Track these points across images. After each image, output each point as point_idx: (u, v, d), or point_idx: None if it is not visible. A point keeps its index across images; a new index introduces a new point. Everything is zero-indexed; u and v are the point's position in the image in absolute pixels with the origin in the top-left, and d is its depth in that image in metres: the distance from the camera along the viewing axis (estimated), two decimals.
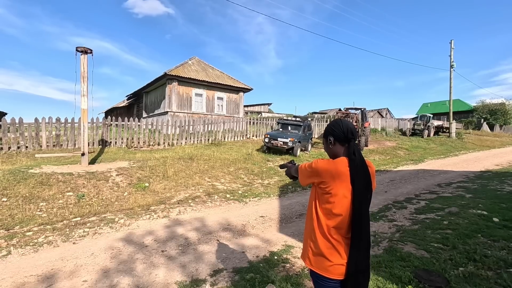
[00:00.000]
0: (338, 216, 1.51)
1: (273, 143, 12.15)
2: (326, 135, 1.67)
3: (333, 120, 1.68)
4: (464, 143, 22.42)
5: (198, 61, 19.79)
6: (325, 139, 1.68)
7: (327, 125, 1.70)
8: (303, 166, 1.68)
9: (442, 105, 48.78)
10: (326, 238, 1.53)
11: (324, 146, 1.71)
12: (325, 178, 1.50)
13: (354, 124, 12.12)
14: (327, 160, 1.53)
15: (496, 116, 42.37)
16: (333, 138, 1.61)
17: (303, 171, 1.66)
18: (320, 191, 1.55)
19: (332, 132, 1.63)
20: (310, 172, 1.57)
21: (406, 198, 6.03)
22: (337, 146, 1.60)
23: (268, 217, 5.24)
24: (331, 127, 1.64)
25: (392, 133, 24.01)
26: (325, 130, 1.68)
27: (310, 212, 1.64)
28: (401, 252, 3.32)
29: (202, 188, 7.33)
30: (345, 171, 1.49)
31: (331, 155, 1.64)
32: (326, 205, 1.53)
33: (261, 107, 39.29)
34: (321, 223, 1.54)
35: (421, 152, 16.62)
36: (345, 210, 1.50)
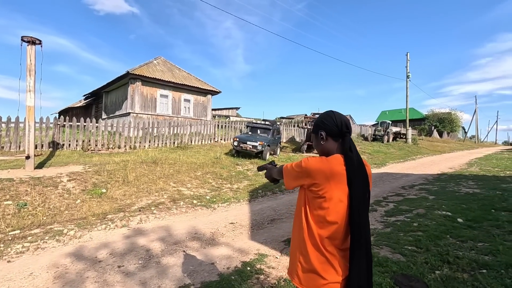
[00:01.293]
0: (333, 224, 1.28)
1: (242, 146, 11.90)
2: (316, 129, 1.44)
3: (324, 113, 1.46)
4: (419, 148, 24.07)
5: (164, 61, 18.99)
6: (314, 135, 1.46)
7: (317, 119, 1.47)
8: (289, 166, 1.44)
9: (398, 113, 52.22)
10: (319, 250, 1.29)
11: (314, 142, 1.48)
12: (317, 179, 1.26)
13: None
14: (320, 158, 1.31)
15: (444, 124, 46.35)
16: (324, 133, 1.39)
17: (289, 172, 1.41)
18: (311, 195, 1.31)
19: (323, 126, 1.40)
20: (299, 172, 1.33)
21: (375, 201, 6.11)
22: (329, 142, 1.38)
23: (238, 224, 4.95)
24: (322, 120, 1.41)
25: (355, 138, 25.01)
26: (315, 124, 1.46)
27: (298, 220, 1.39)
28: (378, 257, 3.22)
29: (167, 193, 6.82)
30: (341, 171, 1.27)
31: (322, 152, 1.41)
32: (318, 212, 1.29)
33: (229, 111, 38.94)
34: (313, 233, 1.30)
35: (382, 157, 17.44)
36: (341, 216, 1.28)
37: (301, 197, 1.40)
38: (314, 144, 1.48)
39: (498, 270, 2.81)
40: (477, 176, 9.41)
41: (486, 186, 7.42)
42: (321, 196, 1.27)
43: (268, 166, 1.88)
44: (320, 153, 1.43)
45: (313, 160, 1.30)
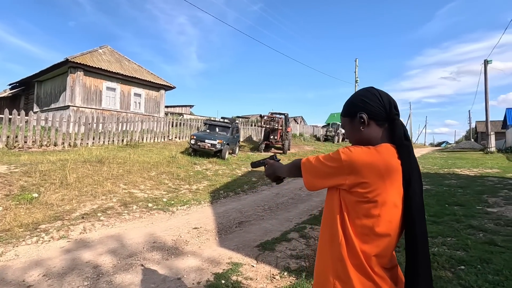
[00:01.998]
0: (384, 237, 0.96)
1: (200, 145, 11.27)
2: (352, 111, 1.09)
3: (362, 90, 1.12)
4: None
5: (111, 51, 17.25)
6: (349, 119, 1.11)
7: (351, 98, 1.13)
8: (312, 160, 1.08)
9: None
10: (365, 273, 0.95)
11: (347, 129, 1.14)
12: (367, 177, 0.93)
13: (279, 129, 12.04)
14: (367, 149, 0.97)
15: None
16: (366, 116, 1.05)
17: (315, 168, 1.05)
18: (353, 199, 0.97)
19: (363, 106, 1.06)
20: (334, 168, 0.98)
21: None
22: (372, 128, 1.05)
23: (203, 229, 4.46)
24: (362, 99, 1.07)
25: (308, 139, 25.90)
26: (350, 104, 1.12)
27: (329, 232, 1.04)
28: None
29: (116, 197, 5.97)
30: (397, 166, 0.96)
31: (359, 141, 1.07)
32: (363, 221, 0.96)
33: (182, 108, 37.37)
34: (355, 250, 0.96)
35: None
36: (395, 227, 0.96)
37: (332, 201, 1.05)
38: (348, 131, 1.14)
39: (475, 265, 2.84)
40: (423, 173, 10.23)
41: (434, 183, 8.04)
42: (370, 200, 0.94)
43: (269, 162, 1.50)
44: (354, 143, 1.10)
45: (358, 151, 0.96)
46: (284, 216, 5.02)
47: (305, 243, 3.68)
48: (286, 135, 16.86)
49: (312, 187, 1.10)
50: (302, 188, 7.69)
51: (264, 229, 4.34)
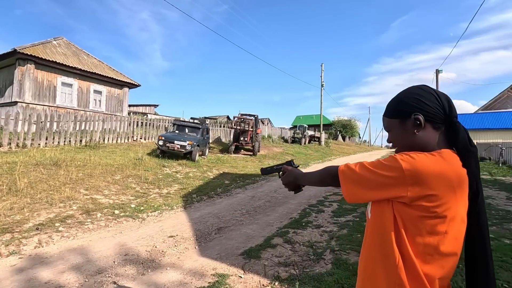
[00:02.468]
0: (450, 256, 0.83)
1: (169, 146, 10.73)
2: (403, 112, 0.95)
3: (414, 88, 0.97)
4: (331, 150, 26.78)
5: (67, 43, 15.83)
6: (399, 121, 0.96)
7: (401, 96, 0.98)
8: (357, 167, 0.92)
9: (310, 118, 57.41)
10: None
11: (396, 133, 0.99)
12: (436, 189, 0.79)
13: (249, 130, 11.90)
14: (432, 156, 0.84)
15: (346, 130, 53.37)
16: (423, 117, 0.91)
17: (362, 177, 0.90)
18: (415, 214, 0.83)
19: (419, 106, 0.91)
20: (394, 178, 0.83)
21: (318, 201, 6.14)
22: (428, 131, 0.92)
23: (180, 237, 4.14)
24: (417, 98, 0.93)
25: (277, 140, 26.14)
26: (401, 104, 0.96)
27: (381, 253, 0.89)
28: (349, 263, 3.02)
29: (77, 203, 5.38)
30: (465, 176, 0.84)
31: (413, 147, 0.93)
32: (427, 239, 0.82)
33: (146, 108, 35.72)
34: (416, 272, 0.82)
35: (303, 157, 18.57)
36: (461, 244, 0.85)
37: (383, 216, 0.90)
38: (395, 135, 0.99)
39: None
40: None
41: None
42: (438, 215, 0.81)
43: (287, 168, 1.32)
44: (404, 149, 0.95)
45: (423, 159, 0.82)
46: (264, 220, 4.87)
47: (291, 249, 3.56)
48: (256, 136, 16.79)
49: (356, 199, 0.95)
50: (277, 190, 7.63)
51: (245, 235, 4.15)
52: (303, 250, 3.49)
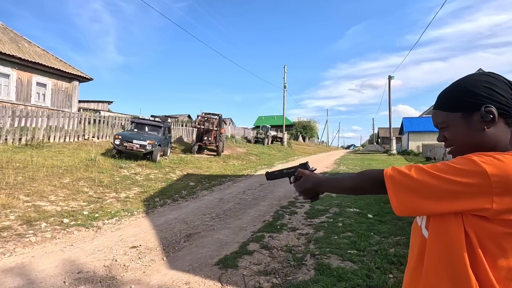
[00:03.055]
0: None
1: (127, 146, 9.90)
2: (469, 103, 0.76)
3: (478, 75, 0.79)
4: (293, 150, 27.36)
5: (4, 28, 13.89)
6: (463, 114, 0.78)
7: (465, 84, 0.79)
8: (413, 171, 0.73)
9: (272, 119, 58.30)
10: None
11: (457, 129, 0.80)
12: None
13: (213, 130, 11.55)
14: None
15: (306, 131, 55.25)
16: (496, 110, 0.74)
17: (425, 184, 0.71)
18: (500, 231, 0.66)
19: (491, 96, 0.74)
20: (474, 186, 0.65)
21: (289, 202, 6.03)
22: (499, 127, 0.75)
23: (144, 247, 3.70)
24: (487, 86, 0.75)
25: (240, 140, 25.94)
26: (465, 93, 0.77)
27: (450, 278, 0.71)
28: (332, 268, 2.90)
29: (16, 212, 4.60)
30: None
31: (481, 146, 0.76)
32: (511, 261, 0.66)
33: (99, 104, 33.05)
34: None
35: (268, 158, 18.63)
36: None
37: (449, 232, 0.72)
38: (456, 132, 0.80)
39: None
40: (350, 174, 11.20)
41: None
42: None
43: (304, 172, 1.09)
44: (468, 149, 0.77)
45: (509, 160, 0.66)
46: (236, 224, 4.60)
47: (269, 255, 3.35)
48: (220, 136, 16.40)
49: (412, 212, 0.75)
50: (245, 191, 7.40)
51: (218, 242, 3.84)
52: (282, 256, 3.30)
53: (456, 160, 0.72)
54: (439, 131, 0.87)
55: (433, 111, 0.87)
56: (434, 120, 0.87)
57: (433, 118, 0.88)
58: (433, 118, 0.88)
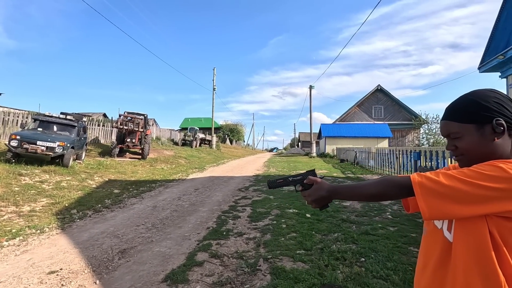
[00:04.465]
0: None
1: (29, 148, 8.24)
2: (482, 116, 0.84)
3: (487, 90, 0.88)
4: (222, 153, 27.28)
5: None
6: (476, 126, 0.85)
7: (477, 98, 0.86)
8: (443, 178, 0.78)
9: (199, 121, 57.12)
10: None
11: (470, 139, 0.86)
12: None
13: (138, 131, 10.87)
14: None
15: (233, 134, 56.02)
16: (505, 123, 0.83)
17: (456, 190, 0.76)
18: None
19: (501, 111, 0.83)
20: (503, 191, 0.72)
21: (230, 207, 5.91)
22: (505, 139, 0.84)
23: (67, 270, 3.07)
24: (497, 102, 0.84)
25: (166, 143, 24.54)
26: (478, 107, 0.85)
27: (480, 278, 0.76)
28: (287, 270, 2.93)
29: None
30: None
31: (489, 156, 0.84)
32: None
33: None
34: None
35: (198, 161, 18.08)
36: None
37: (475, 233, 0.78)
38: (469, 142, 0.87)
39: (370, 256, 3.31)
40: (281, 176, 11.70)
41: None
42: None
43: (316, 180, 1.05)
44: (478, 159, 0.85)
45: None
46: (178, 234, 4.26)
47: (220, 264, 3.18)
48: (145, 138, 15.16)
49: (442, 216, 0.80)
50: (181, 197, 6.97)
51: (161, 255, 3.48)
52: (234, 264, 3.18)
53: (483, 166, 0.78)
54: (448, 141, 0.93)
55: (444, 122, 0.93)
56: (445, 131, 0.93)
57: (444, 128, 0.93)
58: (444, 128, 0.93)
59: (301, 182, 1.10)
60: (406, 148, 10.67)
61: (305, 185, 1.08)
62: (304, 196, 1.06)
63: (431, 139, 30.65)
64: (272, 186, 1.17)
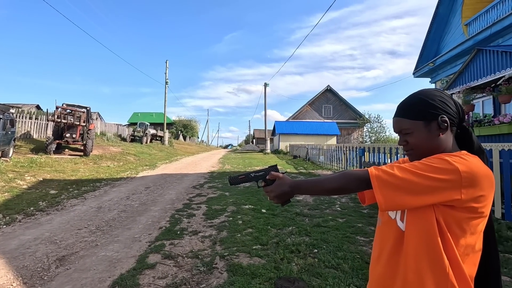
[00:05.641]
0: (479, 252, 0.87)
1: None
2: (430, 114, 0.91)
3: (432, 90, 0.96)
4: (175, 150, 26.30)
5: None
6: (424, 123, 0.92)
7: (425, 97, 0.93)
8: (397, 171, 0.83)
9: (150, 116, 54.32)
10: None
11: (418, 135, 0.93)
12: (485, 189, 0.80)
13: (80, 125, 10.24)
14: (474, 157, 0.85)
15: (187, 130, 54.42)
16: (448, 120, 0.91)
17: (408, 182, 0.81)
18: (465, 216, 0.81)
19: (445, 108, 0.91)
20: (449, 181, 0.78)
21: (185, 205, 5.69)
22: (448, 134, 0.93)
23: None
24: (441, 100, 0.92)
25: (113, 139, 22.82)
26: (427, 105, 0.92)
27: (428, 261, 0.83)
28: (244, 266, 2.92)
29: None
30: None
31: (435, 150, 0.91)
32: (469, 239, 0.83)
33: None
34: (463, 276, 0.82)
35: (148, 158, 17.16)
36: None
37: (425, 221, 0.84)
38: (418, 137, 0.93)
39: (322, 247, 3.47)
40: (236, 172, 11.68)
41: None
42: (483, 214, 0.83)
43: (278, 175, 1.04)
44: (425, 153, 0.92)
45: (473, 161, 0.83)
46: (127, 236, 3.97)
47: (174, 265, 3.04)
48: (88, 133, 13.88)
49: (396, 207, 0.85)
50: (130, 197, 6.53)
51: (107, 260, 3.20)
52: (189, 263, 3.07)
53: (431, 159, 0.85)
54: (400, 137, 0.99)
55: (396, 119, 0.98)
56: (397, 127, 0.98)
57: (396, 125, 0.98)
58: (396, 125, 0.98)
59: (263, 178, 1.07)
60: (352, 145, 11.47)
61: (268, 180, 1.06)
62: (267, 191, 1.04)
63: (373, 136, 33.58)
64: (233, 182, 1.12)
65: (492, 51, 6.54)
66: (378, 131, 33.75)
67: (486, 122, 6.49)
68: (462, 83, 7.67)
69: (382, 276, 0.93)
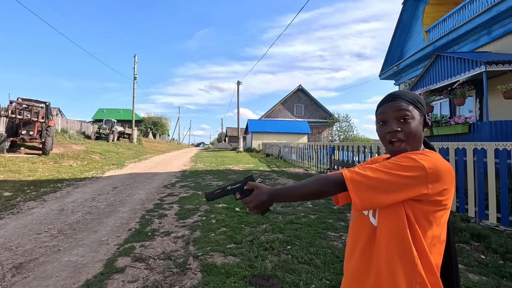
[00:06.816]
0: (443, 242, 0.94)
1: None
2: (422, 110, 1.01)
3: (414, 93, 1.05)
4: (145, 148, 25.34)
5: None
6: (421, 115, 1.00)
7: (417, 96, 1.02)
8: (370, 171, 0.88)
9: (117, 113, 51.84)
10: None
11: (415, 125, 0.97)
12: (448, 183, 0.87)
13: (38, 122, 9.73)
14: (436, 154, 0.92)
15: (157, 127, 52.72)
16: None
17: (381, 181, 0.86)
18: (431, 209, 0.88)
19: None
20: (417, 178, 0.84)
21: (156, 205, 5.50)
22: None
23: None
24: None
25: (76, 136, 21.50)
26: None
27: (399, 254, 0.88)
28: (218, 266, 2.89)
29: None
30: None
31: (419, 139, 0.99)
32: (435, 231, 0.89)
33: None
34: (430, 266, 0.88)
35: (115, 157, 16.37)
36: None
37: (396, 216, 0.89)
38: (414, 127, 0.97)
39: (295, 243, 3.54)
40: (209, 171, 11.50)
41: (222, 178, 9.26)
42: (446, 207, 0.90)
43: (256, 185, 1.04)
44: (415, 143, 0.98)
45: (436, 157, 0.89)
46: (93, 239, 3.76)
47: (146, 267, 2.94)
48: (48, 130, 12.93)
49: (371, 206, 0.89)
50: (95, 198, 6.19)
51: (71, 265, 3.01)
52: (161, 265, 2.98)
53: (399, 159, 0.90)
54: (393, 123, 0.97)
55: (401, 103, 0.97)
56: (401, 110, 0.96)
57: (401, 107, 0.97)
58: (401, 107, 0.97)
59: (240, 190, 1.06)
60: (322, 143, 11.82)
61: (245, 191, 1.05)
62: (245, 203, 1.03)
63: (341, 135, 34.90)
64: (210, 198, 1.10)
65: (449, 57, 7.08)
66: (346, 130, 35.16)
67: (443, 122, 7.02)
68: (423, 85, 8.22)
69: (357, 270, 0.97)
